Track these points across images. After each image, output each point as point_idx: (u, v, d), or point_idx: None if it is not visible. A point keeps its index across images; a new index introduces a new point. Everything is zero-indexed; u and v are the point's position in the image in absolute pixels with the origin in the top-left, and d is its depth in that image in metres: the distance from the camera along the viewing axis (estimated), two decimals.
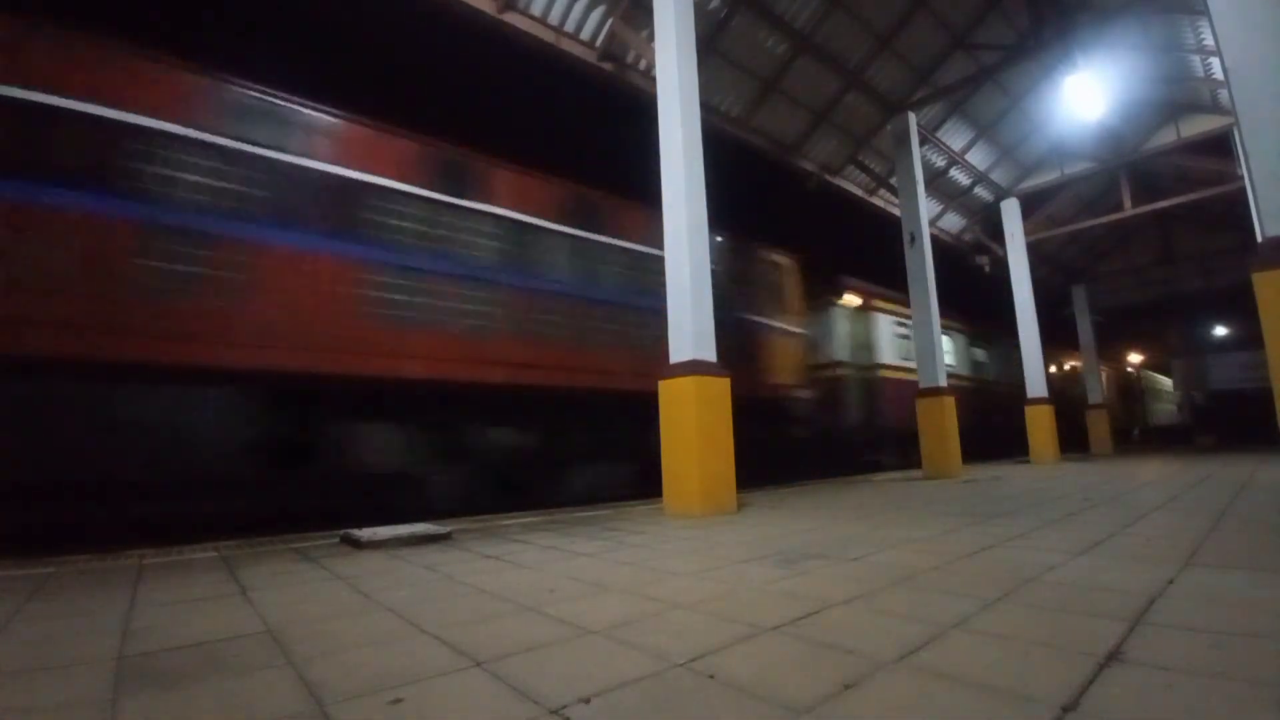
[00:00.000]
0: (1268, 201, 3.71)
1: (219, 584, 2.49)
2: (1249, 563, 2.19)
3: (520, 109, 26.02)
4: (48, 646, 1.70)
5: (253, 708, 1.24)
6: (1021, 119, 11.32)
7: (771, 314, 8.87)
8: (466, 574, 2.54)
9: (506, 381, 5.86)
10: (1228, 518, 3.30)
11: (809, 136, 9.71)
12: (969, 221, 13.50)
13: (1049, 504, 4.32)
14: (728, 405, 4.72)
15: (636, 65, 7.51)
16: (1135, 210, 12.08)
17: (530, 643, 1.60)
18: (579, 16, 6.91)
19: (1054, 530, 3.14)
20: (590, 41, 7.13)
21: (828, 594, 1.99)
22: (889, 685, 1.24)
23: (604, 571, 2.51)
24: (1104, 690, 1.17)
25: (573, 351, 6.40)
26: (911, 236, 8.85)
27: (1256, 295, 3.68)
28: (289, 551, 3.31)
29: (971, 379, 14.34)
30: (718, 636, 1.59)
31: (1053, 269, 16.60)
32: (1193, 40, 8.93)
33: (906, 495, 5.54)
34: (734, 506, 4.59)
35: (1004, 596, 1.87)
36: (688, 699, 1.21)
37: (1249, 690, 1.14)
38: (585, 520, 4.37)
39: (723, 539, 3.27)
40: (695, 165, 5.01)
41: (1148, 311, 20.71)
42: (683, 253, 4.82)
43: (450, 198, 5.78)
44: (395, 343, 5.19)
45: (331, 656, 1.54)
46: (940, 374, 8.43)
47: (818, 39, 8.27)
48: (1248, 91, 3.87)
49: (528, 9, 6.57)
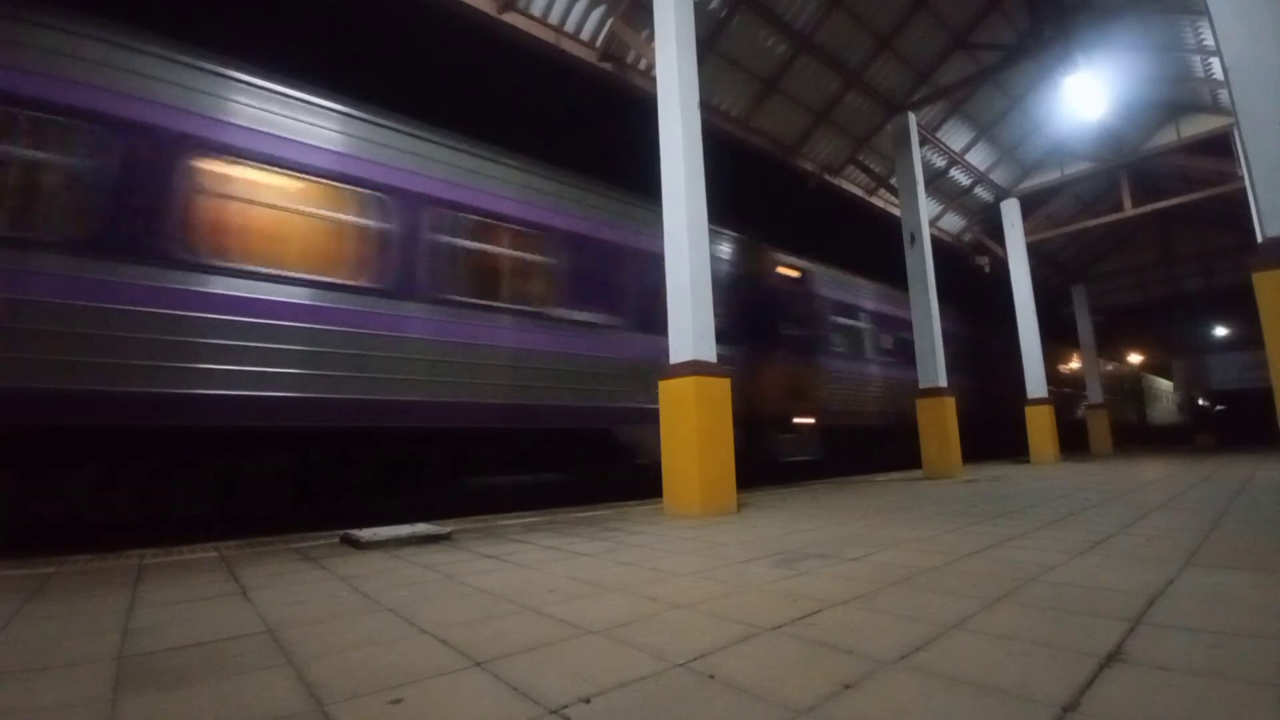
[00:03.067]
0: (1268, 201, 3.71)
1: (219, 584, 2.49)
2: (1249, 563, 2.19)
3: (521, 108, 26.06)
4: (48, 646, 1.70)
5: (252, 708, 1.24)
6: (1021, 119, 11.31)
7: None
8: (466, 574, 2.54)
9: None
10: (1228, 518, 3.30)
11: (809, 136, 9.71)
12: (969, 222, 13.50)
13: (1049, 504, 4.32)
14: (728, 405, 4.72)
15: (637, 65, 7.51)
16: (1135, 210, 12.08)
17: (530, 643, 1.60)
18: (579, 16, 6.91)
19: (1054, 530, 3.14)
20: (590, 41, 7.13)
21: (828, 594, 1.99)
22: (889, 685, 1.24)
23: (604, 571, 2.51)
24: (1104, 690, 1.17)
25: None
26: (911, 236, 8.85)
27: (1256, 295, 3.68)
28: (289, 551, 3.31)
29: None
30: (718, 636, 1.59)
31: (1053, 269, 16.60)
32: (1193, 40, 8.92)
33: (906, 495, 5.54)
34: (734, 506, 4.59)
35: (1004, 596, 1.87)
36: (688, 699, 1.21)
37: (1249, 690, 1.14)
38: (585, 520, 4.37)
39: (723, 539, 3.27)
40: (695, 165, 5.01)
41: (1148, 311, 20.74)
42: (683, 253, 4.82)
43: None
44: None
45: (331, 656, 1.54)
46: (940, 374, 8.42)
47: (818, 39, 8.27)
48: (1248, 91, 3.87)
49: (528, 9, 6.57)
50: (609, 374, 6.42)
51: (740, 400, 6.44)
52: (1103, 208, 13.73)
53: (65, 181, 3.89)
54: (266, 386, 4.34)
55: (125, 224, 4.01)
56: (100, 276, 3.87)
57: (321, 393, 4.57)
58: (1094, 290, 17.50)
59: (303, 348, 4.55)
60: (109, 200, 3.99)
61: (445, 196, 5.54)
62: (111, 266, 3.91)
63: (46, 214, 3.81)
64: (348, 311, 4.80)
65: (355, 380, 4.75)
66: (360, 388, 4.76)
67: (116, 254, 3.94)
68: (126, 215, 4.03)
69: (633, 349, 6.68)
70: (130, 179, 4.07)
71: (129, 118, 4.11)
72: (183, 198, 4.23)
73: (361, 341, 4.82)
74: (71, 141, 3.92)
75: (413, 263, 5.23)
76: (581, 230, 6.51)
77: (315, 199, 4.83)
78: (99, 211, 3.94)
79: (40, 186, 3.82)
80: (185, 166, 4.27)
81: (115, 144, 4.05)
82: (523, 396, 5.69)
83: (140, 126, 4.14)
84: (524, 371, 5.75)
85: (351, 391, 4.71)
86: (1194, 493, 4.65)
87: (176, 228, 4.18)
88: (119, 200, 4.02)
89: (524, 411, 5.70)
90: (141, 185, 4.10)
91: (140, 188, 4.10)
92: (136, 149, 4.11)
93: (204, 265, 4.23)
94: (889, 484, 7.16)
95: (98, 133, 4.00)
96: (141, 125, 4.15)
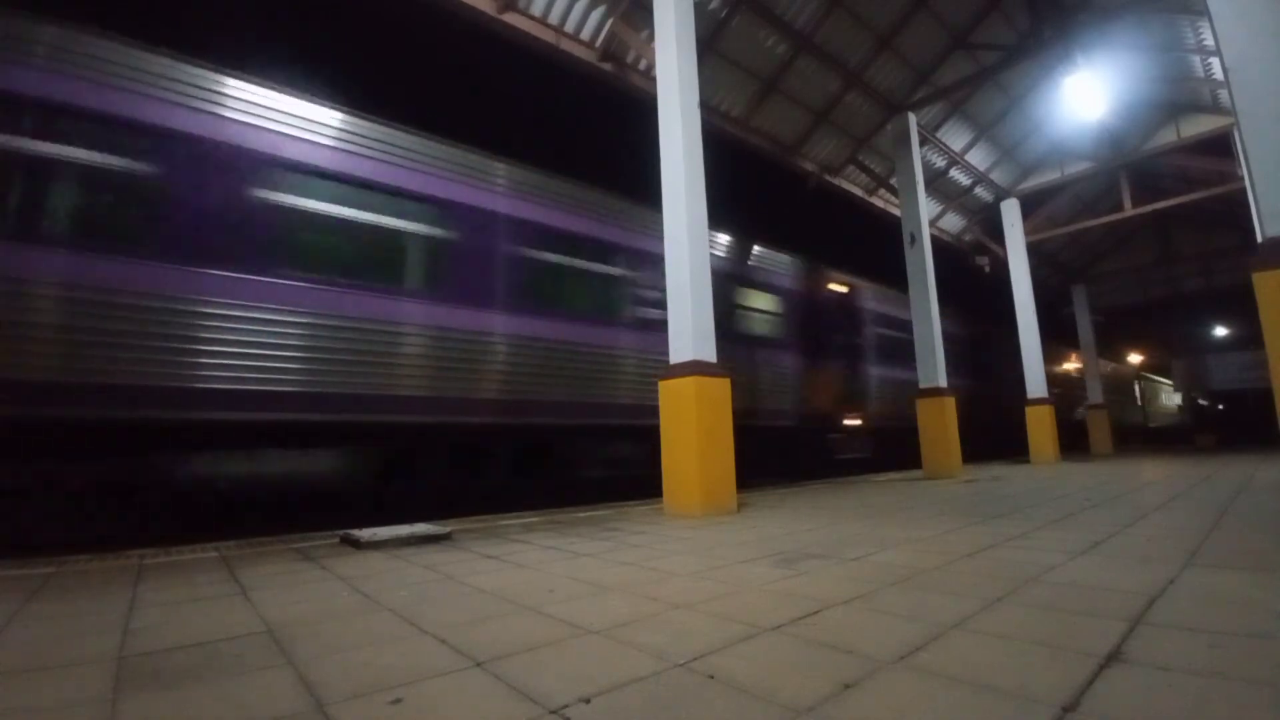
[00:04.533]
0: (1268, 201, 3.71)
1: (219, 584, 2.49)
2: (1249, 563, 2.19)
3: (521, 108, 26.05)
4: (48, 646, 1.70)
5: (253, 708, 1.24)
6: (1021, 119, 11.31)
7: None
8: (466, 574, 2.54)
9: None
10: (1228, 518, 3.30)
11: (809, 136, 9.71)
12: (969, 222, 13.50)
13: (1049, 504, 4.32)
14: (728, 405, 4.72)
15: (637, 65, 7.51)
16: (1135, 210, 12.08)
17: (530, 643, 1.60)
18: (579, 17, 6.91)
19: (1054, 530, 3.14)
20: (590, 42, 7.13)
21: (828, 594, 1.99)
22: (889, 685, 1.24)
23: (604, 571, 2.51)
24: (1104, 690, 1.17)
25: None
26: (911, 237, 8.85)
27: (1256, 295, 3.68)
28: (289, 551, 3.31)
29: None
30: (718, 637, 1.59)
31: (1053, 269, 16.60)
32: (1193, 40, 8.92)
33: (906, 495, 5.54)
34: (734, 506, 4.59)
35: (1004, 596, 1.87)
36: (688, 699, 1.21)
37: (1249, 690, 1.14)
38: (585, 520, 4.37)
39: (723, 539, 3.27)
40: (695, 165, 5.00)
41: (1148, 311, 20.73)
42: (683, 252, 4.82)
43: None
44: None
45: (331, 656, 1.54)
46: (940, 374, 8.43)
47: (818, 39, 8.27)
48: (1248, 91, 3.87)
49: (528, 9, 6.57)
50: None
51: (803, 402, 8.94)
52: (1103, 208, 13.73)
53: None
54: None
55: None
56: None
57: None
58: (1094, 290, 17.49)
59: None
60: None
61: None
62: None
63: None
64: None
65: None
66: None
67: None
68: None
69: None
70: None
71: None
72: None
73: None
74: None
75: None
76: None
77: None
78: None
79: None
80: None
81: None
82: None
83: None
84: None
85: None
86: (1194, 492, 4.65)
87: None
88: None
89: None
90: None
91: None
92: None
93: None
94: (889, 484, 7.16)
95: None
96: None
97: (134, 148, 4.22)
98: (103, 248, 4.02)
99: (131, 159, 4.21)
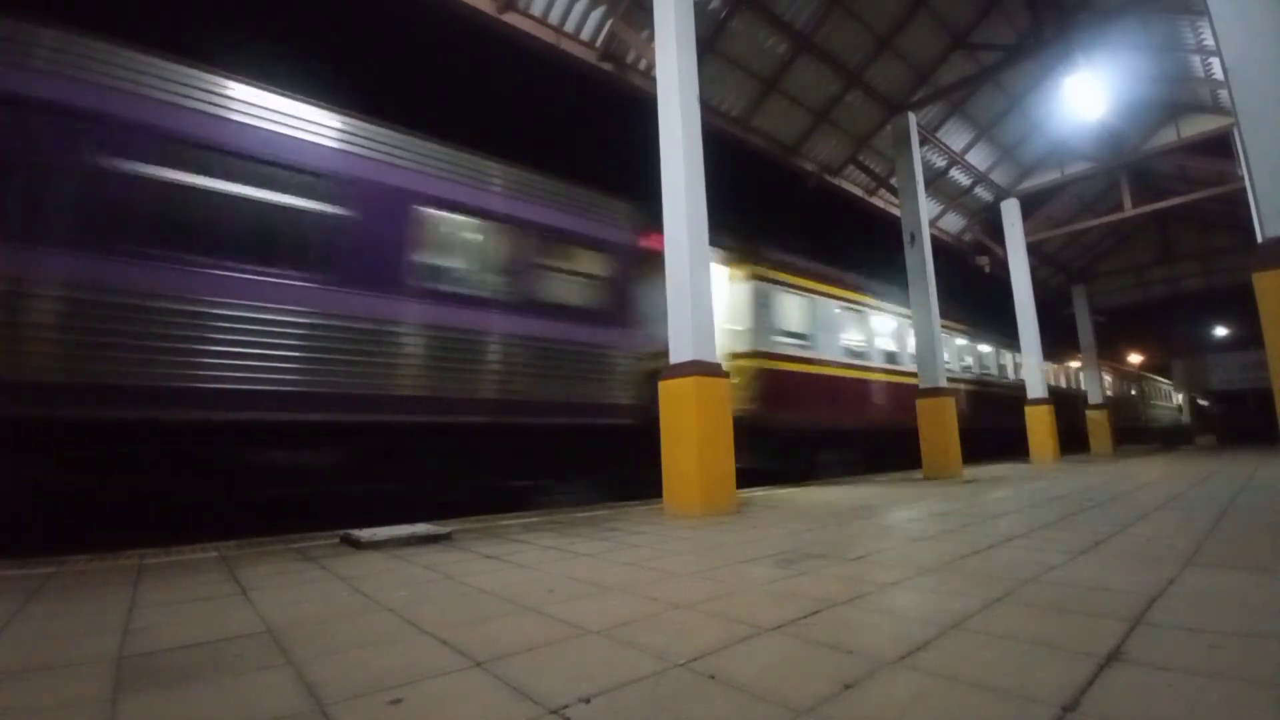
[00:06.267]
0: (1268, 201, 3.71)
1: (219, 584, 2.49)
2: (1249, 563, 2.19)
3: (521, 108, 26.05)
4: (48, 646, 1.70)
5: (253, 708, 1.24)
6: (1021, 119, 11.31)
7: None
8: (466, 574, 2.54)
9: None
10: (1228, 517, 3.30)
11: (809, 137, 9.71)
12: (969, 222, 13.49)
13: (1049, 504, 4.32)
14: (728, 405, 4.71)
15: (637, 65, 7.51)
16: (1135, 210, 12.08)
17: (530, 643, 1.60)
18: (579, 17, 6.91)
19: (1054, 530, 3.14)
20: (590, 41, 7.13)
21: (828, 594, 1.99)
22: (889, 685, 1.24)
23: (604, 572, 2.51)
24: (1104, 690, 1.17)
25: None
26: (911, 236, 8.85)
27: (1257, 295, 3.68)
28: (289, 551, 3.31)
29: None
30: (718, 636, 1.59)
31: (1053, 269, 16.60)
32: (1193, 40, 8.93)
33: (906, 495, 5.54)
34: (734, 507, 4.59)
35: (1004, 596, 1.87)
36: (688, 699, 1.21)
37: (1249, 690, 1.14)
38: (585, 520, 4.37)
39: (723, 539, 3.27)
40: (695, 165, 5.00)
41: (1148, 311, 20.74)
42: (683, 252, 4.82)
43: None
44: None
45: (331, 657, 1.54)
46: (940, 375, 8.42)
47: (818, 39, 8.27)
48: (1248, 91, 3.87)
49: (528, 9, 6.57)
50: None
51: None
52: (1103, 208, 13.73)
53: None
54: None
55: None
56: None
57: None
58: (1094, 290, 17.50)
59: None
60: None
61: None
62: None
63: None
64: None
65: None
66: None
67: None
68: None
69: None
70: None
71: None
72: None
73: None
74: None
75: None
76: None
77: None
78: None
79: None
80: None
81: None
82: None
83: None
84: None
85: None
86: (1194, 492, 4.65)
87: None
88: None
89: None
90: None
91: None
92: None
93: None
94: (889, 484, 7.16)
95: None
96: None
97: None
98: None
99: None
